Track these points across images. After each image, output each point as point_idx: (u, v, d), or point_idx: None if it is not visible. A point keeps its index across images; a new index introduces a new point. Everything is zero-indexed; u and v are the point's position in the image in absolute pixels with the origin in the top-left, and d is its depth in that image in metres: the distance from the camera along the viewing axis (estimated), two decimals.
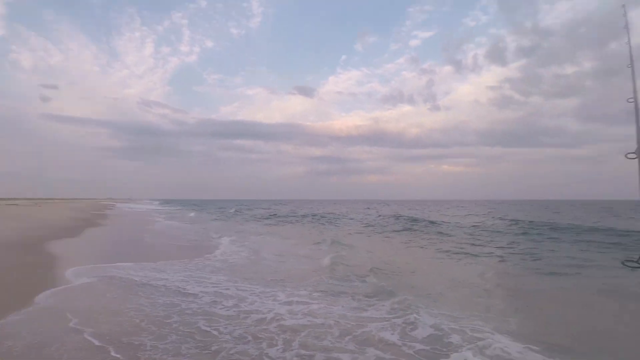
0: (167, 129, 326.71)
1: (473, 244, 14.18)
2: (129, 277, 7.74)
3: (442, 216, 31.75)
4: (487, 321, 5.10)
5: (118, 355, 3.92)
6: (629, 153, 1.57)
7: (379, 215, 32.10)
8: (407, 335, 4.63)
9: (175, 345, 4.26)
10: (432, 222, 23.47)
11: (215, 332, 4.68)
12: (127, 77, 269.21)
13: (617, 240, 13.99)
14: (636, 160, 1.44)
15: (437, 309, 5.73)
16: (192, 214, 40.22)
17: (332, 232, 20.01)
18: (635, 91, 1.72)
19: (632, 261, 1.34)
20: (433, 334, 4.60)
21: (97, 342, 4.23)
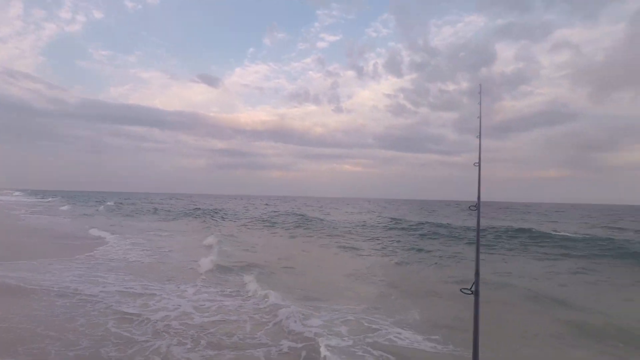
0: (40, 107, 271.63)
1: (355, 240, 15.40)
2: (1, 281, 6.75)
3: (336, 214, 33.71)
4: (374, 312, 5.96)
5: None
6: (471, 206, 2.29)
7: (274, 212, 32.42)
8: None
9: (92, 352, 4.07)
10: (320, 220, 24.18)
11: (127, 334, 4.60)
12: None
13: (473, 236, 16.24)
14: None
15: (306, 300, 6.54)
16: (64, 207, 34.84)
17: (223, 227, 19.78)
18: (480, 158, 2.49)
19: (467, 289, 1.74)
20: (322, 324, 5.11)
21: None
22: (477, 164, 2.50)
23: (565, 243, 13.26)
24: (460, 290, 1.74)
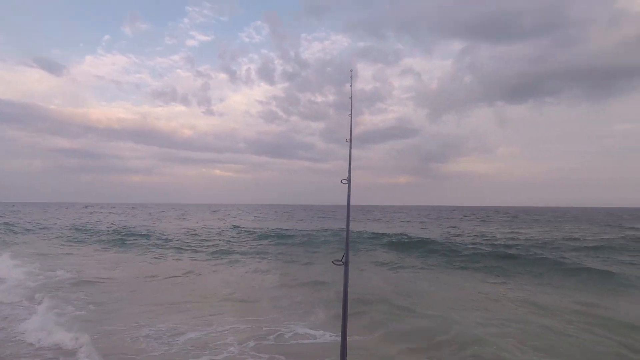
0: None
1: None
2: None
3: (172, 222, 30.95)
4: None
5: None
6: (343, 179, 2.22)
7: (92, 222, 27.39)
8: None
9: None
10: (145, 235, 19.47)
11: None
12: None
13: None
14: (346, 185, 2.07)
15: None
16: None
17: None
18: (351, 135, 2.42)
19: (339, 260, 1.85)
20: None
21: None
22: (348, 140, 2.34)
23: None
24: (332, 262, 1.80)
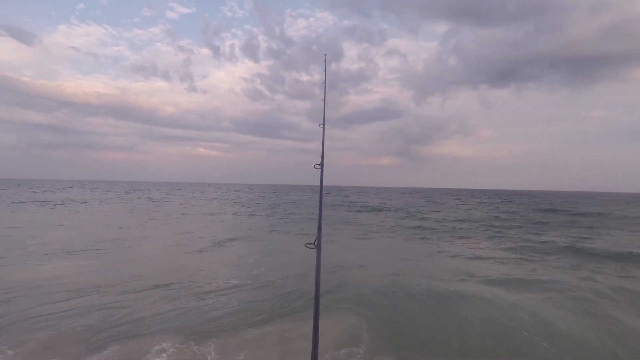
0: None
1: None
2: None
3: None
4: None
5: None
6: (315, 165, 2.25)
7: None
8: None
9: None
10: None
11: None
12: None
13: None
14: (319, 170, 2.09)
15: None
16: None
17: None
18: (324, 120, 2.40)
19: (311, 244, 1.91)
20: None
21: None
22: (321, 125, 2.33)
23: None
24: (305, 245, 1.88)
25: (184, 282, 6.16)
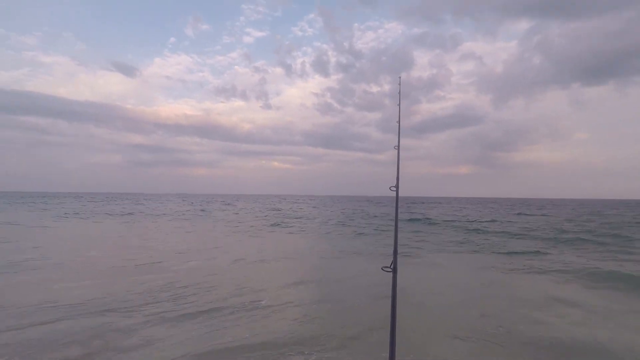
0: None
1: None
2: None
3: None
4: None
5: None
6: (391, 187, 2.19)
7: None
8: None
9: None
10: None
11: None
12: None
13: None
14: (391, 183, 2.06)
15: None
16: None
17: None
18: (399, 142, 2.35)
19: (387, 267, 1.88)
20: None
21: None
22: (396, 148, 2.30)
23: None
24: (382, 268, 1.86)
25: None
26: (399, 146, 2.21)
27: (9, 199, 58.72)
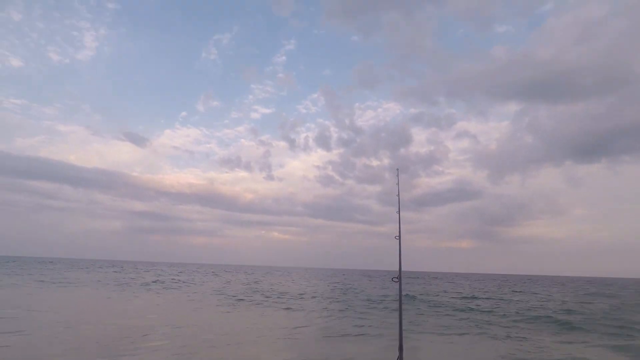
0: None
1: None
2: None
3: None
4: None
5: None
6: (393, 278, 2.45)
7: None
8: None
9: None
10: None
11: None
12: None
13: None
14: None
15: None
16: None
17: None
18: (400, 232, 2.96)
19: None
20: None
21: None
22: (398, 237, 2.76)
23: None
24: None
25: None
26: (400, 236, 2.73)
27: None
